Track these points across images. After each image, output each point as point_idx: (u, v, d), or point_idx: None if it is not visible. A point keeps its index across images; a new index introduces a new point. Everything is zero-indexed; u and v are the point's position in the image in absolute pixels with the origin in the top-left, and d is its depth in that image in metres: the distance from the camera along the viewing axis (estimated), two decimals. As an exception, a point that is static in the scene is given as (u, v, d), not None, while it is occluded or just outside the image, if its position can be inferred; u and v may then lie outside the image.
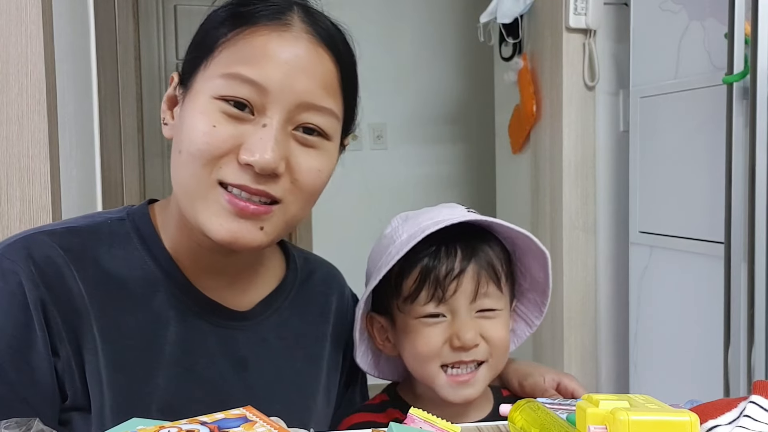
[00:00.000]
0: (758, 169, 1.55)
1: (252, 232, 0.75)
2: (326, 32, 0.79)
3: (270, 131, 0.73)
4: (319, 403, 0.89)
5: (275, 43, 0.75)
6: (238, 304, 0.85)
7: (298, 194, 0.77)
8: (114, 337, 0.76)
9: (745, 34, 1.58)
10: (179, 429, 0.55)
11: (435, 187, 3.45)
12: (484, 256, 0.88)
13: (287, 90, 0.74)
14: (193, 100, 0.76)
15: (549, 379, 0.96)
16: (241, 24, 0.76)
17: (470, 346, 0.86)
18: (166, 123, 0.82)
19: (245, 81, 0.73)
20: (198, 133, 0.73)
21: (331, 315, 0.94)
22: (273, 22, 0.76)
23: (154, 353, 0.78)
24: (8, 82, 1.42)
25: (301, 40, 0.76)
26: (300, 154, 0.76)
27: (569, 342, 2.24)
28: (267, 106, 0.74)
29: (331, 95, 0.77)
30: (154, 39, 3.37)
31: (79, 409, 0.75)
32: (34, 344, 0.72)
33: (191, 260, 0.82)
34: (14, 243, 0.76)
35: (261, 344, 0.85)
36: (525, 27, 2.46)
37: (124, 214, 0.83)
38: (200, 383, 0.80)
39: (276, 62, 0.74)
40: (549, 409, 0.65)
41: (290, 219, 0.78)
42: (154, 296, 0.79)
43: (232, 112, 0.74)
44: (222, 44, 0.76)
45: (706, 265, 1.77)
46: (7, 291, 0.73)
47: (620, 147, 2.20)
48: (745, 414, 0.65)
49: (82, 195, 1.81)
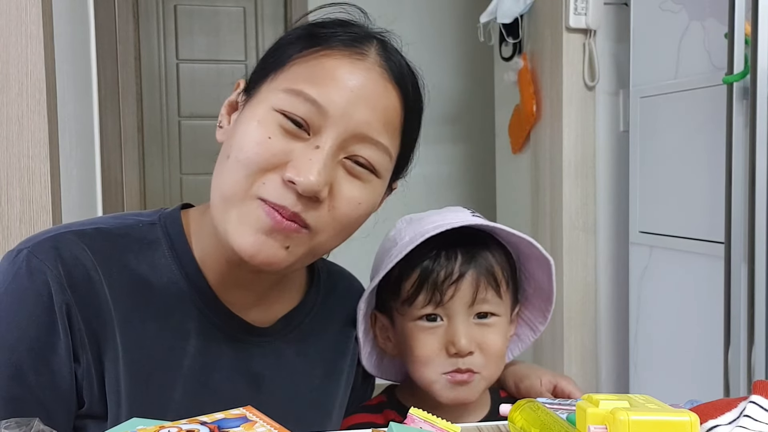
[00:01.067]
0: (758, 169, 1.55)
1: (275, 249, 0.73)
2: (399, 70, 0.78)
3: (321, 154, 0.71)
4: (334, 418, 0.89)
5: (346, 69, 0.74)
6: (261, 319, 0.84)
7: (331, 223, 0.75)
8: (135, 346, 0.75)
9: (745, 34, 1.58)
10: (179, 429, 0.55)
11: (435, 187, 3.45)
12: (484, 261, 0.88)
13: (347, 117, 0.72)
14: (254, 108, 0.75)
15: (546, 381, 0.95)
16: (317, 44, 0.75)
17: (465, 353, 0.86)
18: (221, 126, 0.81)
19: (307, 99, 0.72)
20: (251, 142, 0.72)
21: (352, 329, 0.93)
22: (349, 49, 0.75)
23: (173, 365, 0.77)
24: (8, 82, 1.42)
25: (372, 72, 0.75)
26: (344, 183, 0.74)
27: (569, 342, 2.24)
28: (323, 129, 0.72)
29: (389, 132, 0.76)
30: (154, 39, 3.37)
31: (95, 416, 0.74)
32: (56, 348, 0.71)
33: (219, 273, 0.80)
34: (43, 241, 0.74)
35: (277, 361, 0.84)
36: (525, 27, 2.46)
37: (156, 218, 0.82)
38: (215, 398, 0.78)
39: (342, 87, 0.73)
40: (549, 409, 0.65)
41: (316, 246, 0.76)
42: (177, 307, 0.78)
43: (288, 127, 0.72)
44: (293, 60, 0.75)
45: (706, 265, 1.77)
46: (34, 291, 0.71)
47: (620, 147, 2.20)
48: (745, 414, 0.65)
49: (82, 195, 1.81)
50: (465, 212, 0.91)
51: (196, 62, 3.40)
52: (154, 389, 0.75)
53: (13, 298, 0.72)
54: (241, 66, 3.41)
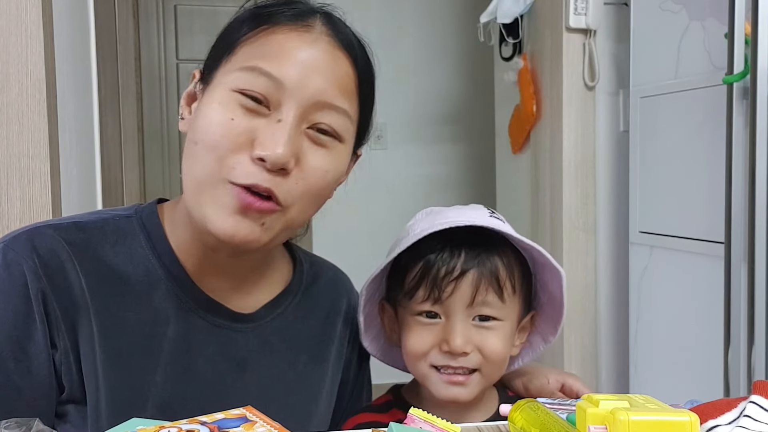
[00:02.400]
0: (758, 169, 1.55)
1: (252, 227, 0.75)
2: (346, 38, 0.80)
3: (284, 127, 0.74)
4: (321, 406, 0.89)
5: (295, 42, 0.76)
6: (243, 306, 0.85)
7: (301, 195, 0.77)
8: (112, 332, 0.76)
9: (745, 34, 1.58)
10: (179, 429, 0.55)
11: (435, 187, 3.45)
12: (488, 263, 0.86)
13: (303, 87, 0.75)
14: (211, 93, 0.77)
15: (553, 380, 0.95)
16: (262, 23, 0.78)
17: (458, 353, 0.85)
18: (183, 118, 0.83)
19: (262, 74, 0.74)
20: (215, 125, 0.74)
21: (338, 317, 0.94)
22: (294, 23, 0.77)
23: (153, 350, 0.78)
24: (8, 82, 1.42)
25: (321, 41, 0.77)
26: (310, 152, 0.76)
27: (569, 342, 2.24)
28: (282, 102, 0.74)
29: (346, 97, 0.78)
30: (154, 39, 3.37)
31: (75, 401, 0.75)
32: (33, 335, 0.73)
33: (196, 260, 0.81)
34: (19, 235, 0.77)
35: (263, 347, 0.85)
36: (525, 27, 2.46)
37: (132, 212, 0.83)
38: (198, 382, 0.80)
39: (294, 60, 0.75)
40: (549, 409, 0.65)
41: (290, 220, 0.78)
42: (154, 293, 0.80)
43: (249, 105, 0.74)
44: (243, 41, 0.78)
45: (706, 265, 1.77)
46: (10, 282, 0.73)
47: (620, 147, 2.20)
48: (745, 414, 0.65)
49: (82, 195, 1.81)
50: (484, 211, 0.90)
51: (196, 62, 3.38)
52: (133, 374, 0.77)
53: None
54: (241, 66, 3.41)
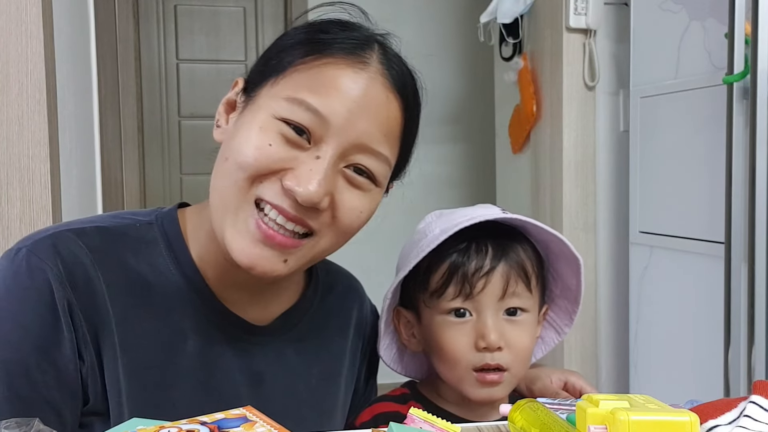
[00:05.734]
0: (758, 169, 1.55)
1: (273, 262, 0.73)
2: (400, 78, 0.77)
3: (321, 164, 0.71)
4: (336, 421, 0.89)
5: (349, 78, 0.73)
6: (259, 318, 0.84)
7: (333, 230, 0.75)
8: (133, 345, 0.75)
9: (745, 34, 1.58)
10: (179, 429, 0.55)
11: (435, 187, 3.45)
12: (514, 255, 0.87)
13: (349, 128, 0.72)
14: (254, 113, 0.74)
15: (556, 380, 0.95)
16: (318, 51, 0.74)
17: (495, 347, 0.85)
18: (219, 125, 0.80)
19: (309, 108, 0.72)
20: (251, 147, 0.72)
21: (350, 330, 0.93)
22: (351, 57, 0.74)
23: (172, 364, 0.77)
24: (8, 82, 1.42)
25: (376, 81, 0.75)
26: (345, 192, 0.74)
27: (569, 342, 2.24)
28: (324, 139, 0.72)
29: (389, 142, 0.76)
30: (154, 39, 3.37)
31: (99, 414, 0.74)
32: (60, 345, 0.71)
33: (217, 272, 0.80)
34: (42, 239, 0.74)
35: (278, 359, 0.84)
36: (525, 27, 2.46)
37: (153, 218, 0.81)
38: (215, 397, 0.78)
39: (344, 97, 0.72)
40: (549, 409, 0.65)
41: (317, 253, 0.76)
42: (175, 306, 0.78)
43: (289, 136, 0.72)
44: (294, 66, 0.74)
45: (706, 265, 1.77)
46: (35, 289, 0.71)
47: (620, 147, 2.20)
48: (745, 414, 0.65)
49: (82, 195, 1.81)
50: (495, 209, 0.91)
51: (196, 62, 3.40)
52: (153, 389, 0.75)
53: (15, 296, 0.72)
54: (241, 66, 3.41)
